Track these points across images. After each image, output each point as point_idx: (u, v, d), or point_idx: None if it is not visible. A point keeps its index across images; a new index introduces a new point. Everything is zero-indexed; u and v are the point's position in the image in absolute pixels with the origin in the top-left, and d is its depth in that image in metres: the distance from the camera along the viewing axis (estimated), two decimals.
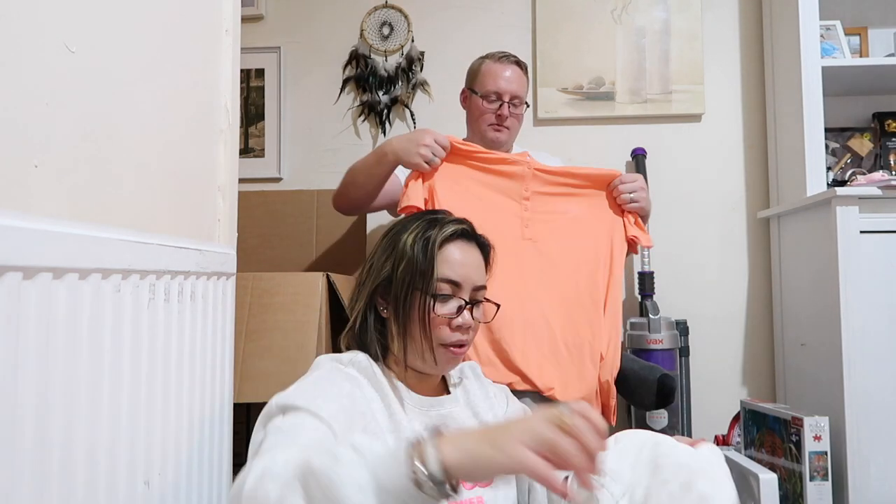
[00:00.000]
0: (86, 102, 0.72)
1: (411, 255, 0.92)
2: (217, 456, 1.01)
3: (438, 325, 0.92)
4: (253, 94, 2.39)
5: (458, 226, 0.96)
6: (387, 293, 0.94)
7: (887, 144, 2.15)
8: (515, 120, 1.67)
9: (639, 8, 2.28)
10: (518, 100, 1.64)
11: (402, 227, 0.97)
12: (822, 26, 2.03)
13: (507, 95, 1.63)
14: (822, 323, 1.77)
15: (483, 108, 1.64)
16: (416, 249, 0.92)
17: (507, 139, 1.68)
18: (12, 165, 0.61)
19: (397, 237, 0.95)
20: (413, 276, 0.91)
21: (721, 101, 2.27)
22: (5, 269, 0.53)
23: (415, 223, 0.96)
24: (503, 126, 1.64)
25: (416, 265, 0.91)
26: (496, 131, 1.64)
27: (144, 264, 0.76)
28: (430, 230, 0.94)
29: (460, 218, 0.99)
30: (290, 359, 1.49)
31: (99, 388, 0.67)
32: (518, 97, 1.64)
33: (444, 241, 0.93)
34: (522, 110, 1.68)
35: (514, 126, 1.68)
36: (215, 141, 1.11)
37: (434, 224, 0.95)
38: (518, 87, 1.64)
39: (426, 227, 0.94)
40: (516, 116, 1.66)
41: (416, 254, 0.92)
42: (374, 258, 0.97)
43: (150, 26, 0.88)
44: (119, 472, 0.71)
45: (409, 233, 0.94)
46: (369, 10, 2.36)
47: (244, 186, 1.26)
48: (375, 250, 0.98)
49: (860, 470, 1.62)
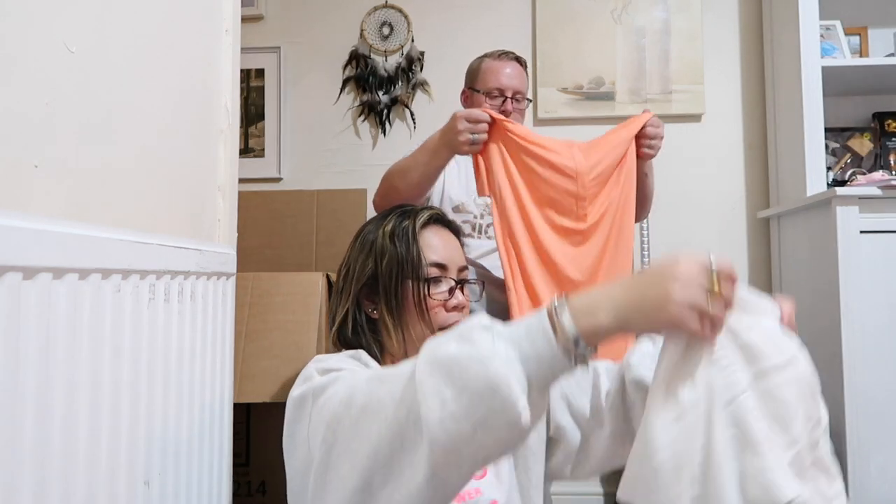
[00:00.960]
0: (86, 102, 0.72)
1: (393, 248, 0.92)
2: (217, 456, 1.01)
3: (434, 310, 0.92)
4: (253, 94, 2.40)
5: (430, 212, 0.97)
6: (373, 292, 0.94)
7: (887, 144, 2.15)
8: (519, 115, 1.67)
9: (639, 8, 2.28)
10: (520, 95, 1.65)
11: (373, 226, 0.97)
12: (822, 26, 2.03)
13: (509, 91, 1.63)
14: (822, 323, 1.77)
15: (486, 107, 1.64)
16: (397, 241, 0.93)
17: None
18: (12, 165, 0.61)
19: (371, 237, 0.95)
20: (401, 267, 0.92)
21: (721, 101, 2.27)
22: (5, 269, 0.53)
23: (385, 220, 0.96)
24: None
25: (401, 256, 0.92)
26: None
27: (144, 264, 0.76)
28: (404, 221, 0.94)
29: (428, 206, 1.00)
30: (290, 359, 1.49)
31: (99, 388, 0.67)
32: (520, 93, 1.65)
33: (421, 228, 0.94)
34: (525, 106, 1.68)
35: (518, 122, 1.68)
36: (215, 141, 1.11)
37: (407, 215, 0.96)
38: (519, 83, 1.64)
39: (399, 219, 0.95)
40: (520, 112, 1.67)
41: (398, 246, 0.92)
42: (349, 263, 0.97)
43: (150, 26, 0.88)
44: (119, 472, 0.71)
45: (383, 229, 0.95)
46: (369, 10, 2.36)
47: (244, 186, 1.26)
48: (348, 256, 0.98)
49: (860, 470, 1.62)
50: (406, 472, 0.60)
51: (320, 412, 0.70)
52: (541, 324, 0.60)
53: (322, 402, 0.71)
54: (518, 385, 0.57)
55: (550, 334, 0.59)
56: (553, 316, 0.60)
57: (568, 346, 0.59)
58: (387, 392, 0.63)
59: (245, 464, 1.75)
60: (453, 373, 0.58)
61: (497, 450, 0.59)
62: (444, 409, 0.57)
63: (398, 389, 0.62)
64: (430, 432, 0.57)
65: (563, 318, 0.60)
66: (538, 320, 0.60)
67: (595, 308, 0.61)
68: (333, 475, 0.66)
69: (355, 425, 0.64)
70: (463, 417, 0.56)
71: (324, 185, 2.34)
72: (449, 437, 0.57)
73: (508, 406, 0.56)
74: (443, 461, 0.58)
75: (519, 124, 1.43)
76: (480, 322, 0.61)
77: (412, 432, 0.59)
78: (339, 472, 0.65)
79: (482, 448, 0.58)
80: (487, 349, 0.58)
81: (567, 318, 0.60)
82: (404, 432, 0.60)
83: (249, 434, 1.76)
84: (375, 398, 0.64)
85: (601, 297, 0.62)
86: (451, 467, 0.58)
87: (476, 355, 0.57)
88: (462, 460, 0.58)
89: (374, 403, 0.64)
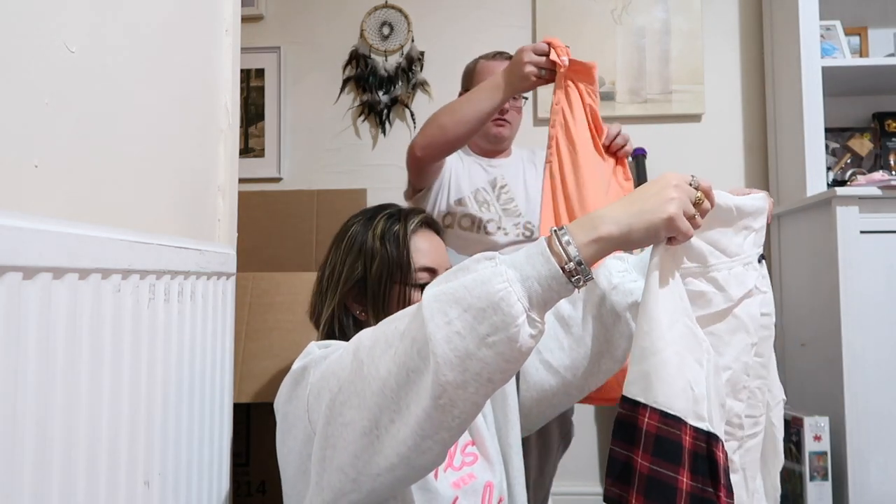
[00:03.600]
0: (86, 102, 0.72)
1: (384, 251, 0.92)
2: (217, 456, 1.01)
3: None
4: (253, 94, 2.39)
5: (421, 216, 0.97)
6: (361, 294, 0.94)
7: (887, 144, 2.15)
8: (516, 113, 1.68)
9: (639, 8, 2.28)
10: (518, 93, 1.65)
11: (361, 227, 0.96)
12: (822, 26, 2.03)
13: None
14: (822, 323, 1.77)
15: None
16: (388, 245, 0.93)
17: (510, 133, 1.69)
18: (12, 165, 0.61)
19: (359, 238, 0.95)
20: (391, 271, 0.92)
21: (721, 101, 2.27)
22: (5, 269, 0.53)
23: (373, 222, 0.96)
24: (505, 120, 1.65)
25: (391, 260, 0.92)
26: (499, 126, 1.65)
27: (144, 264, 0.76)
28: (395, 225, 0.94)
29: (416, 208, 1.01)
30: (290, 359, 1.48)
31: (99, 388, 0.67)
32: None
33: (412, 233, 0.94)
34: (521, 104, 1.69)
35: (515, 120, 1.69)
36: (215, 141, 1.11)
37: (396, 218, 0.96)
38: None
39: (390, 222, 0.95)
40: (517, 110, 1.67)
41: (388, 249, 0.92)
42: (334, 263, 0.96)
43: (150, 26, 0.88)
44: (119, 472, 0.71)
45: (373, 231, 0.94)
46: (369, 10, 2.36)
47: (244, 186, 1.26)
48: (332, 256, 0.97)
49: (860, 470, 1.62)
50: (412, 405, 0.63)
51: (322, 374, 0.72)
52: (539, 246, 0.64)
53: (324, 366, 0.72)
54: (518, 303, 0.61)
55: (548, 254, 0.63)
56: (553, 238, 0.65)
57: (565, 265, 0.63)
58: (392, 329, 0.67)
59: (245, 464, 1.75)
60: (457, 294, 0.62)
61: (499, 368, 0.62)
62: (450, 328, 0.61)
63: (403, 325, 0.66)
64: (437, 351, 0.60)
65: (562, 238, 0.65)
66: (537, 245, 0.65)
67: (596, 223, 0.67)
68: (338, 425, 0.68)
69: (360, 368, 0.67)
70: (467, 334, 0.60)
71: (324, 185, 2.34)
72: (455, 353, 0.60)
73: (509, 321, 0.60)
74: (450, 379, 0.60)
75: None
76: (481, 255, 0.66)
77: (418, 359, 0.63)
78: (344, 419, 0.67)
79: (486, 365, 0.61)
80: (489, 272, 0.62)
81: (566, 237, 0.65)
82: (411, 362, 0.63)
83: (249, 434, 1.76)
84: (381, 338, 0.67)
85: (600, 214, 0.68)
86: (457, 387, 0.61)
87: (479, 278, 0.62)
88: (468, 379, 0.61)
89: (380, 343, 0.67)
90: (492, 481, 0.91)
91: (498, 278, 0.61)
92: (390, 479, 0.66)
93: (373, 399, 0.65)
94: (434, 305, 0.62)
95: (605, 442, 2.26)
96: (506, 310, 0.60)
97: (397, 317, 0.69)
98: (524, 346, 0.61)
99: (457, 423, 0.63)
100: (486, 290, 0.61)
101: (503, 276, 0.61)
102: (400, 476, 0.66)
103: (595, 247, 0.66)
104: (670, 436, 0.67)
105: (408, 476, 0.67)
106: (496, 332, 0.60)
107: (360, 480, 0.67)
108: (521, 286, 0.62)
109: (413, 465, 0.65)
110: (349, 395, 0.67)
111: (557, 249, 0.64)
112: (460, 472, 0.89)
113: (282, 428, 0.78)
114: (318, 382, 0.72)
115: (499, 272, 0.62)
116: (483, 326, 0.60)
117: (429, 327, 0.61)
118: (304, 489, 0.74)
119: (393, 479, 0.66)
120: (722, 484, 0.66)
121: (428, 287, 0.66)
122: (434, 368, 0.60)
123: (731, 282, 0.78)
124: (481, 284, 0.61)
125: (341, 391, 0.68)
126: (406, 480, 0.68)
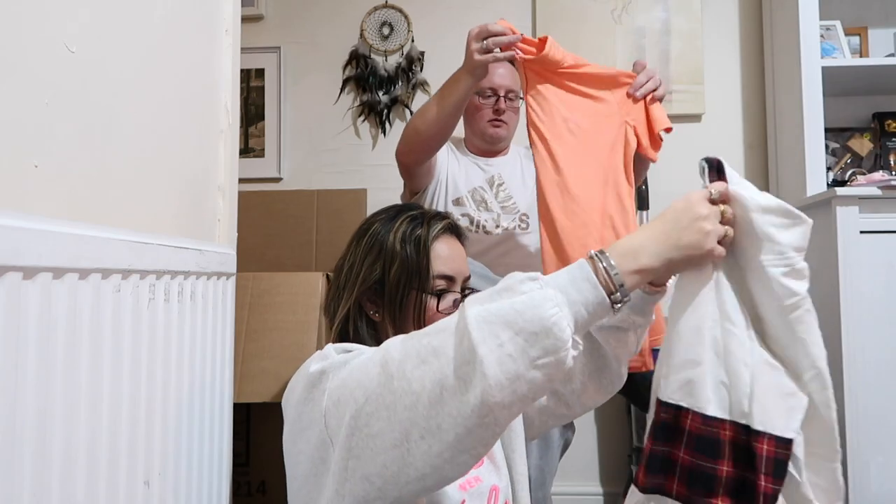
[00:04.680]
0: (86, 102, 0.72)
1: (404, 255, 0.91)
2: (217, 456, 1.01)
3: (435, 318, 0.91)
4: (253, 94, 2.40)
5: (444, 221, 0.96)
6: (378, 296, 0.93)
7: (887, 144, 2.15)
8: (513, 113, 1.68)
9: (639, 8, 2.28)
10: (513, 94, 1.65)
11: (382, 227, 0.94)
12: (822, 26, 2.03)
13: (502, 90, 1.64)
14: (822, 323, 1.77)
15: (480, 105, 1.65)
16: (409, 249, 0.91)
17: (507, 134, 1.69)
18: (12, 165, 0.61)
19: (380, 239, 0.93)
20: (409, 276, 0.91)
21: (721, 101, 2.27)
22: (5, 269, 0.53)
23: (395, 222, 0.94)
24: (501, 120, 1.65)
25: (409, 265, 0.91)
26: (495, 126, 1.65)
27: (144, 264, 0.76)
28: (417, 229, 0.93)
29: (441, 212, 1.00)
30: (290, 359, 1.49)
31: (99, 388, 0.67)
32: (513, 91, 1.65)
33: (434, 238, 0.93)
34: (518, 104, 1.69)
35: (512, 119, 1.69)
36: (215, 141, 1.11)
37: (420, 222, 0.94)
38: (512, 82, 1.65)
39: (413, 225, 0.93)
40: (514, 109, 1.67)
41: (409, 254, 0.91)
42: (353, 261, 0.94)
43: (150, 26, 0.88)
44: (119, 472, 0.71)
45: (394, 233, 0.93)
46: (369, 10, 2.36)
47: (244, 186, 1.26)
48: (351, 253, 0.96)
49: (860, 470, 1.62)
50: (446, 421, 0.64)
51: (343, 382, 0.71)
52: (583, 271, 0.67)
53: (345, 373, 0.72)
54: (568, 327, 0.63)
55: (594, 280, 0.66)
56: (597, 263, 0.68)
57: (612, 294, 0.67)
58: (426, 345, 0.67)
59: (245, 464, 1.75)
60: (508, 317, 0.63)
61: (543, 389, 0.64)
62: (502, 350, 0.62)
63: (437, 341, 0.66)
64: (488, 373, 0.61)
65: (605, 265, 0.68)
66: (580, 269, 0.68)
67: (637, 252, 0.70)
68: (364, 436, 0.67)
69: (390, 382, 0.67)
70: (519, 357, 0.62)
71: (324, 185, 2.34)
72: (506, 375, 0.61)
73: (560, 346, 0.62)
74: (499, 400, 0.62)
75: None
76: (523, 275, 0.67)
77: (454, 379, 0.63)
78: (371, 430, 0.67)
79: (533, 386, 0.63)
80: (539, 295, 0.64)
81: (609, 264, 0.68)
82: (447, 381, 0.63)
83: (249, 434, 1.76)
84: (413, 353, 0.67)
85: (638, 243, 0.71)
86: (504, 407, 0.62)
87: (529, 301, 0.63)
88: (515, 400, 0.63)
89: (411, 357, 0.67)
90: (498, 485, 0.91)
91: (549, 303, 0.63)
92: (418, 488, 0.67)
93: (404, 413, 0.65)
94: (485, 328, 0.63)
95: (605, 442, 2.26)
96: (558, 334, 0.62)
97: (429, 332, 0.69)
98: (568, 367, 0.64)
99: (494, 438, 0.65)
100: (539, 315, 0.62)
101: (553, 301, 0.63)
102: (430, 485, 0.67)
103: (637, 277, 0.70)
104: (710, 434, 0.72)
105: (437, 485, 0.68)
106: (547, 356, 0.62)
107: (385, 489, 0.67)
108: (569, 310, 0.64)
109: (444, 476, 0.66)
110: (377, 408, 0.67)
111: (604, 277, 0.67)
112: (467, 474, 0.89)
113: (293, 428, 0.77)
114: (339, 390, 0.71)
115: (548, 296, 0.63)
116: (534, 350, 0.62)
117: (480, 350, 0.62)
118: (314, 492, 0.73)
119: (421, 487, 0.67)
120: (762, 472, 0.69)
121: (468, 305, 0.66)
122: (483, 389, 0.61)
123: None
124: (533, 308, 0.63)
125: (368, 402, 0.67)
126: (433, 489, 0.69)
